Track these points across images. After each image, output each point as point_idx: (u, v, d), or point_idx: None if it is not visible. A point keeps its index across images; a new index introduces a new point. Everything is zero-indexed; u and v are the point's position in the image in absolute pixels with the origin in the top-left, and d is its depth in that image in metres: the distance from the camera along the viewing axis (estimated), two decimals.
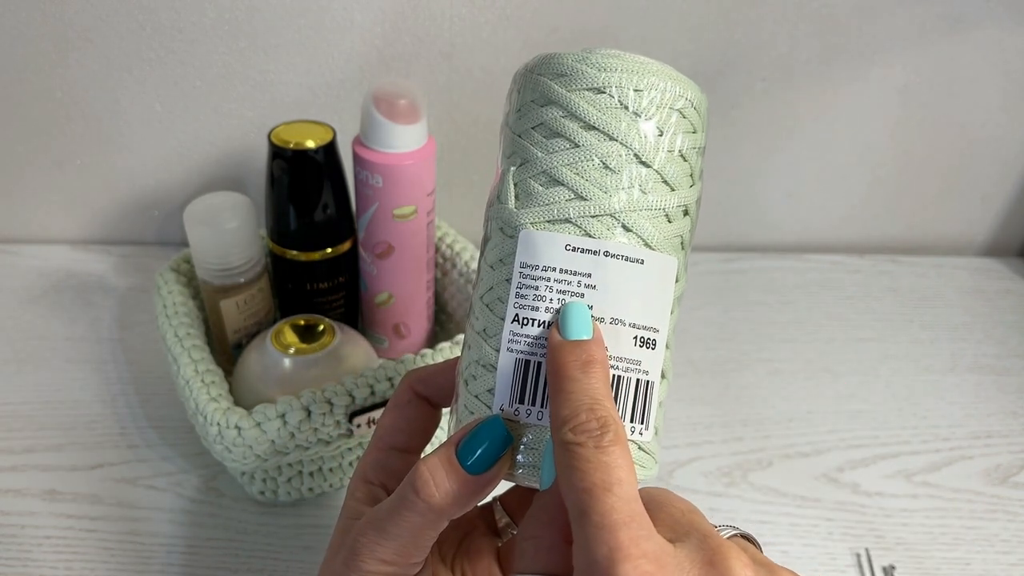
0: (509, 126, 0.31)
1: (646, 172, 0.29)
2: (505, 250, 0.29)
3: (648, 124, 0.29)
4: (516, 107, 0.31)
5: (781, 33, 0.63)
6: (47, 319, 0.62)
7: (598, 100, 0.28)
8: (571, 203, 0.28)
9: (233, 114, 0.64)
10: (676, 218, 0.29)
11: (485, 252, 0.31)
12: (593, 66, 0.29)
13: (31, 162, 0.66)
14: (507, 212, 0.29)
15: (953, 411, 0.59)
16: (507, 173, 0.30)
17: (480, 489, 0.28)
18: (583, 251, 0.28)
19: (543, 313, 0.28)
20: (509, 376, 0.29)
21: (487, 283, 0.30)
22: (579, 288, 0.28)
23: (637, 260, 0.29)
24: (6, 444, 0.52)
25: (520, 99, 0.30)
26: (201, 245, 0.49)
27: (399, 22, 0.60)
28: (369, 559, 0.28)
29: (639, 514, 0.24)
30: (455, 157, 0.67)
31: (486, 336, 0.30)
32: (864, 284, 0.72)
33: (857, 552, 0.48)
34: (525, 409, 0.28)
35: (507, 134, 0.31)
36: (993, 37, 0.64)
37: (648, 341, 0.29)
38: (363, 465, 0.32)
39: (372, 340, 0.56)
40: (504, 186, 0.30)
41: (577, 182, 0.28)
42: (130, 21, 0.59)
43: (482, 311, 0.30)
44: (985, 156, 0.71)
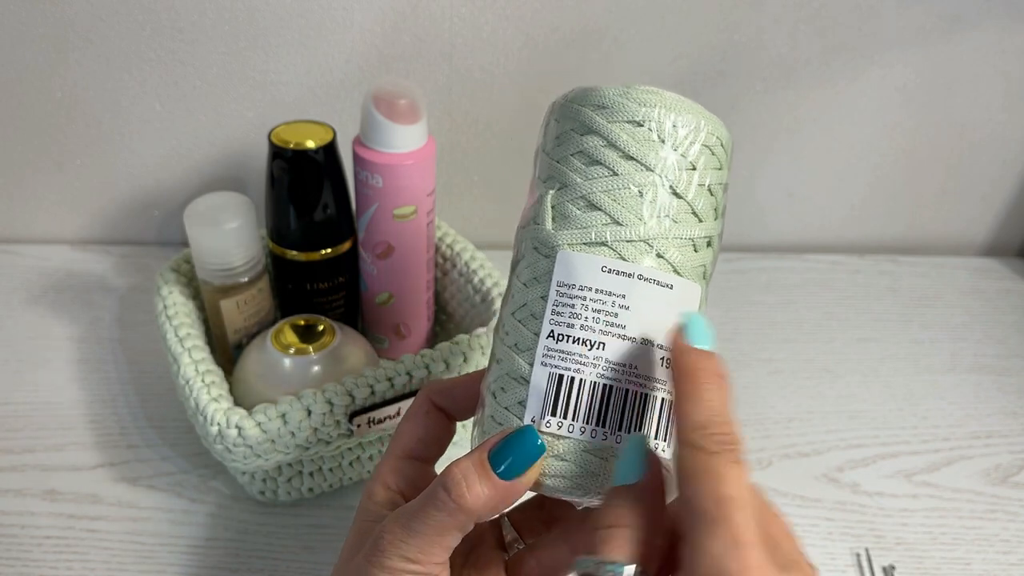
0: (547, 152, 0.32)
1: (678, 203, 0.30)
2: (540, 269, 0.31)
3: (683, 158, 0.30)
4: (554, 134, 0.32)
5: (781, 33, 0.63)
6: (47, 319, 0.62)
7: (637, 132, 0.30)
8: (607, 227, 0.30)
9: (233, 114, 0.64)
10: (701, 248, 0.31)
11: (517, 271, 0.32)
12: (634, 100, 0.30)
13: (31, 162, 0.66)
14: (544, 233, 0.31)
15: (953, 411, 0.59)
16: (544, 196, 0.31)
17: (509, 495, 0.29)
18: (618, 273, 0.30)
19: (578, 330, 0.30)
20: (543, 389, 0.30)
21: (520, 300, 0.31)
22: (614, 308, 0.30)
23: (667, 285, 0.30)
24: (6, 444, 0.52)
25: (559, 128, 0.32)
26: (201, 245, 0.49)
27: (399, 22, 0.60)
28: (394, 555, 0.28)
29: (764, 538, 0.25)
30: (455, 157, 0.67)
31: (518, 350, 0.31)
32: (864, 284, 0.72)
33: (857, 552, 0.48)
34: (557, 421, 0.30)
35: (544, 160, 0.32)
36: (992, 37, 0.64)
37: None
38: (382, 470, 0.33)
39: (372, 340, 0.56)
40: (542, 208, 0.31)
41: (614, 208, 0.30)
42: (130, 21, 0.59)
43: (514, 327, 0.31)
44: (985, 156, 0.71)
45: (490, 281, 0.53)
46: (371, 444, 0.48)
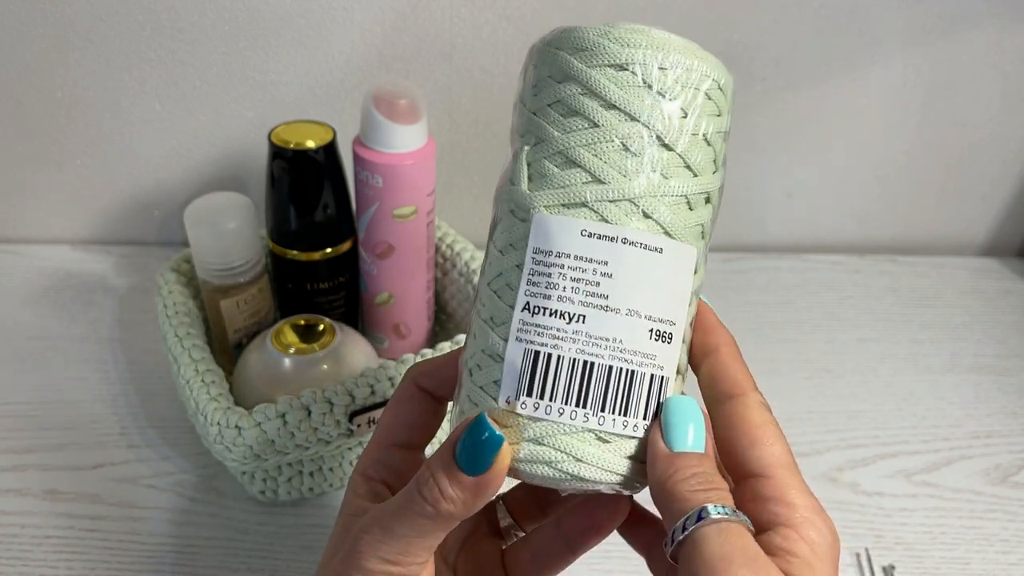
0: (524, 102, 0.29)
1: (668, 156, 0.27)
2: (516, 234, 0.28)
3: (672, 105, 0.27)
4: (532, 83, 0.29)
5: (781, 33, 0.63)
6: (47, 319, 0.62)
7: (620, 77, 0.27)
8: (588, 186, 0.27)
9: (233, 114, 0.64)
10: (697, 206, 0.28)
11: (494, 236, 0.29)
12: (616, 41, 0.27)
13: (32, 162, 0.66)
14: (519, 194, 0.28)
15: (953, 411, 0.59)
16: (520, 152, 0.28)
17: (483, 490, 0.27)
18: (600, 237, 0.27)
19: (555, 302, 0.27)
20: (517, 367, 0.27)
21: (495, 268, 0.28)
22: (595, 276, 0.27)
23: (656, 249, 0.27)
24: (7, 444, 0.52)
25: (536, 74, 0.29)
26: (201, 245, 0.49)
27: (399, 22, 0.60)
28: (372, 558, 0.27)
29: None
30: (455, 157, 0.67)
31: (493, 324, 0.28)
32: (864, 284, 0.72)
33: (857, 552, 0.48)
34: (533, 402, 0.27)
35: (521, 111, 0.29)
36: (992, 37, 0.64)
37: (664, 335, 0.28)
38: (363, 461, 0.31)
39: (372, 340, 0.56)
40: (517, 166, 0.28)
41: (595, 164, 0.27)
42: (130, 21, 0.59)
43: (489, 298, 0.28)
44: (984, 156, 0.71)
45: None
46: None
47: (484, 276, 0.29)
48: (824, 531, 0.26)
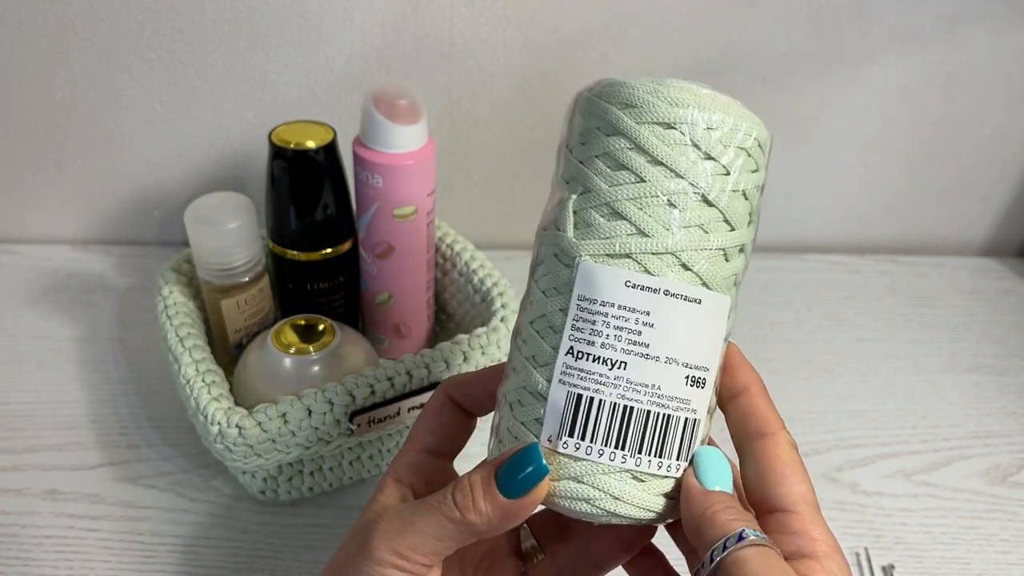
0: (571, 150, 0.30)
1: (710, 212, 0.28)
2: (560, 279, 0.29)
3: (716, 163, 0.28)
4: (579, 131, 0.30)
5: (781, 33, 0.63)
6: (48, 319, 0.62)
7: (667, 136, 0.28)
8: (632, 238, 0.28)
9: (233, 114, 0.64)
10: (733, 257, 0.29)
11: (536, 276, 0.30)
12: (665, 100, 0.28)
13: (32, 162, 0.66)
14: (565, 241, 0.29)
15: (952, 411, 0.59)
16: (567, 201, 0.29)
17: (515, 515, 0.28)
18: (643, 288, 0.28)
19: (599, 348, 0.28)
20: (560, 408, 0.28)
21: (538, 309, 0.30)
22: (637, 325, 0.28)
23: (695, 299, 0.28)
24: (7, 444, 0.52)
25: (584, 124, 0.30)
26: (202, 245, 0.49)
27: (399, 22, 0.60)
28: (383, 546, 0.28)
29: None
30: (455, 157, 0.67)
31: (536, 363, 0.29)
32: (864, 284, 0.72)
33: (856, 552, 0.48)
34: (575, 443, 0.28)
35: (567, 158, 0.30)
36: (992, 37, 0.64)
37: (699, 380, 0.29)
38: (397, 465, 0.33)
39: (372, 340, 0.56)
40: (563, 213, 0.29)
41: (640, 217, 0.28)
42: (131, 21, 0.59)
43: (532, 337, 0.30)
44: (984, 156, 0.71)
45: (490, 281, 0.53)
46: (371, 444, 0.48)
47: (526, 313, 0.31)
48: (842, 566, 0.28)
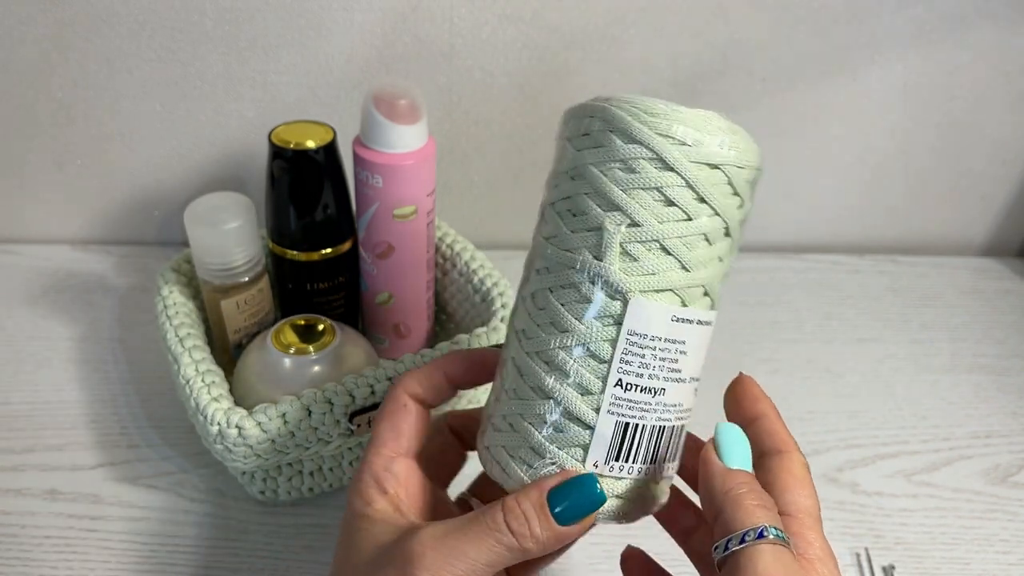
0: (604, 173, 0.29)
1: (729, 243, 0.31)
2: (607, 310, 0.29)
3: (740, 199, 0.30)
4: (623, 157, 0.29)
5: (781, 33, 0.63)
6: (47, 319, 0.62)
7: (713, 176, 0.29)
8: (675, 273, 0.29)
9: (233, 114, 0.64)
10: (728, 274, 0.32)
11: (565, 301, 0.30)
12: (715, 139, 0.29)
13: (32, 162, 0.66)
14: (611, 273, 0.29)
15: (952, 411, 0.59)
16: (614, 233, 0.29)
17: (567, 538, 0.29)
18: (683, 320, 0.30)
19: (646, 380, 0.30)
20: (608, 437, 0.30)
21: (579, 336, 0.30)
22: (675, 355, 0.30)
23: (709, 323, 0.31)
24: (7, 444, 0.52)
25: (631, 151, 0.29)
26: (201, 245, 0.49)
27: (399, 22, 0.60)
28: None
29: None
30: (455, 157, 0.67)
31: (581, 393, 0.30)
32: (864, 284, 0.72)
33: (857, 552, 0.48)
34: (619, 465, 0.30)
35: (603, 182, 0.29)
36: (993, 37, 0.64)
37: (697, 388, 0.32)
38: (375, 473, 0.33)
39: (372, 340, 0.56)
40: (610, 245, 0.29)
41: (686, 254, 0.29)
42: (131, 21, 0.59)
43: (573, 366, 0.30)
44: (985, 156, 0.71)
45: (490, 281, 0.53)
46: None
47: (561, 339, 0.30)
48: (834, 573, 0.29)
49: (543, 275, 0.31)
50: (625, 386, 0.30)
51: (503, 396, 0.32)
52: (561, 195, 0.31)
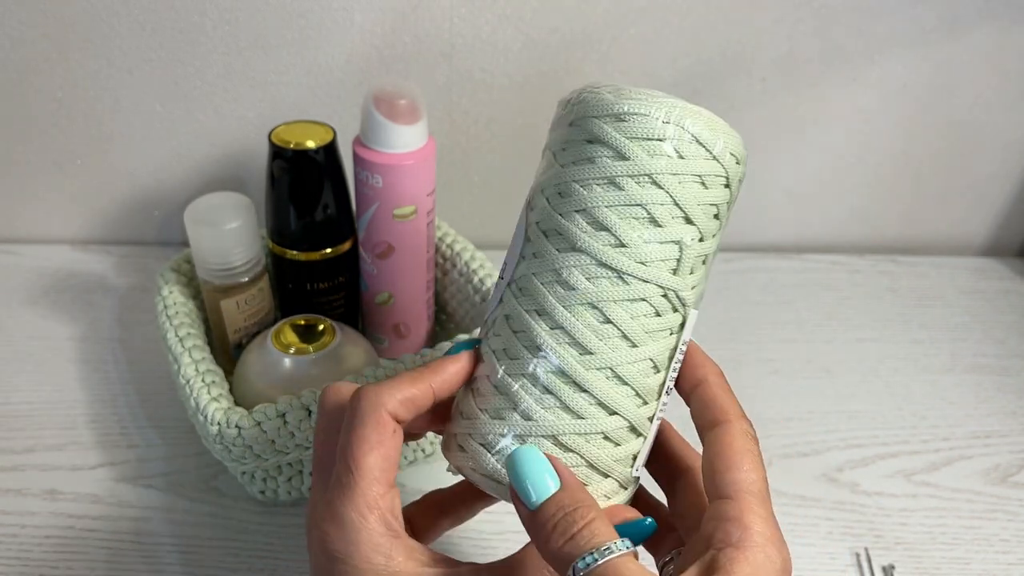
0: (684, 198, 0.30)
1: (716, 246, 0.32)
2: (672, 322, 0.31)
3: (729, 192, 0.32)
4: (698, 172, 0.30)
5: (781, 33, 0.63)
6: (48, 319, 0.62)
7: (733, 192, 0.31)
8: (705, 282, 0.32)
9: (233, 114, 0.64)
10: None
11: (638, 315, 0.30)
12: (739, 154, 0.31)
13: (32, 162, 0.66)
14: (684, 286, 0.30)
15: (952, 411, 0.59)
16: (688, 246, 0.30)
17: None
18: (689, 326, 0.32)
19: (671, 383, 0.32)
20: (652, 443, 0.32)
21: (650, 349, 0.30)
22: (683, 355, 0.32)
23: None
24: (7, 444, 0.52)
25: (706, 167, 0.30)
26: (201, 245, 0.49)
27: (399, 22, 0.60)
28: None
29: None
30: (455, 157, 0.67)
31: (640, 402, 0.31)
32: (864, 284, 0.72)
33: (856, 552, 0.48)
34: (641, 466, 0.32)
35: (695, 207, 0.30)
36: (992, 37, 0.64)
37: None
38: (388, 519, 0.28)
39: (372, 340, 0.56)
40: (684, 260, 0.30)
41: (707, 268, 0.32)
42: (131, 21, 0.59)
43: (635, 376, 0.30)
44: (984, 156, 0.71)
45: (490, 281, 0.53)
46: None
47: (625, 353, 0.30)
48: (774, 558, 0.26)
49: (606, 287, 0.30)
50: (667, 391, 0.31)
51: (538, 414, 0.30)
52: (628, 201, 0.29)
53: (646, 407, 0.31)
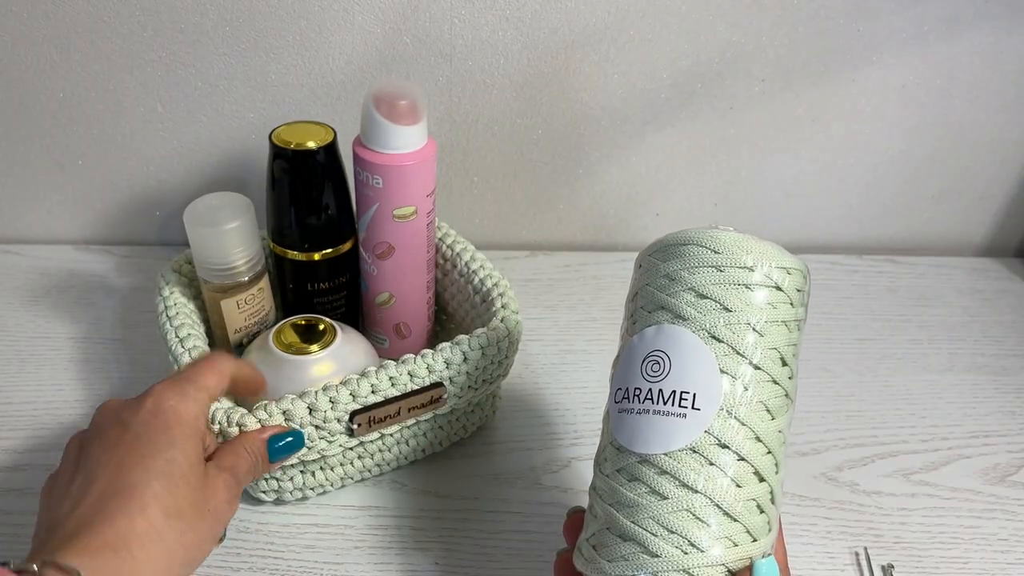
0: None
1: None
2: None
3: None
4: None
5: (780, 34, 0.63)
6: (49, 319, 0.62)
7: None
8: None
9: (234, 115, 0.64)
10: None
11: (780, 425, 0.34)
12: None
13: (33, 163, 0.66)
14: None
15: (951, 410, 0.59)
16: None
17: None
18: None
19: None
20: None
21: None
22: None
23: None
24: (9, 443, 0.52)
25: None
26: (201, 245, 0.49)
27: (399, 23, 0.60)
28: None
29: None
30: (455, 157, 0.67)
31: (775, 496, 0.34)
32: (862, 284, 0.72)
33: (856, 551, 0.48)
34: None
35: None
36: (990, 38, 0.64)
37: None
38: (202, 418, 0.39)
39: (373, 340, 0.56)
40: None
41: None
42: (132, 22, 0.59)
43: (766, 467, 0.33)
44: (983, 156, 0.71)
45: (490, 281, 0.54)
46: (372, 443, 0.48)
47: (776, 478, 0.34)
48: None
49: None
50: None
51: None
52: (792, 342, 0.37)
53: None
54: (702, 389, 0.32)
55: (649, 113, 0.66)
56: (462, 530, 0.48)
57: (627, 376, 0.34)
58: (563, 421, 0.56)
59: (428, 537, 0.48)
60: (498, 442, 0.54)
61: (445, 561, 0.46)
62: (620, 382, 0.35)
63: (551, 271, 0.71)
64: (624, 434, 0.33)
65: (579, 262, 0.72)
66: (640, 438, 0.33)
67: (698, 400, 0.32)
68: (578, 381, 0.59)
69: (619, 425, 0.34)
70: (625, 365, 0.35)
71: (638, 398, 0.33)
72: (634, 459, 0.33)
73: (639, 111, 0.66)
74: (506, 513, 0.49)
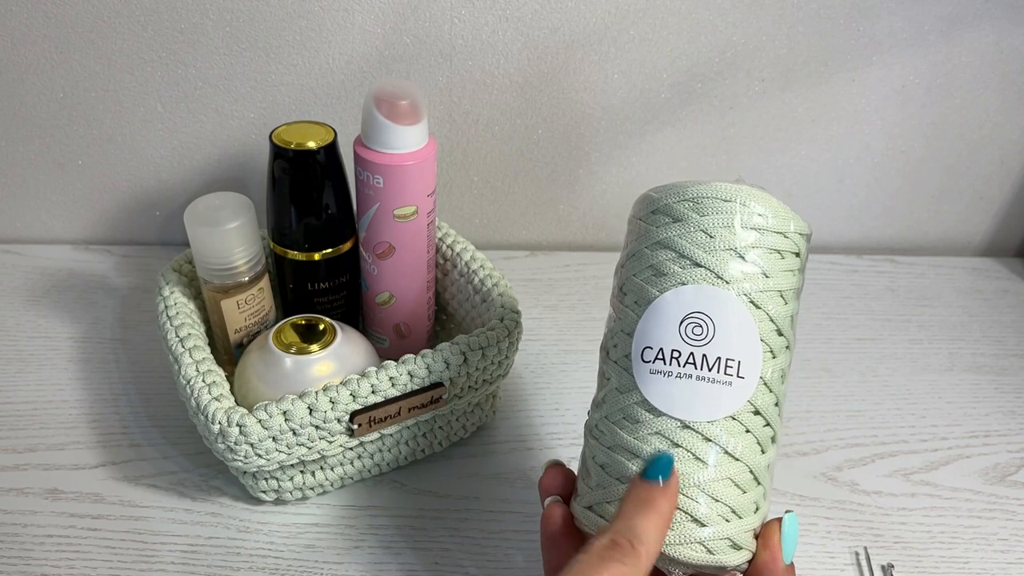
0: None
1: None
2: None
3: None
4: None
5: (780, 34, 0.63)
6: (49, 319, 0.62)
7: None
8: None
9: (234, 115, 0.64)
10: None
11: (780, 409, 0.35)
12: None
13: (33, 163, 0.66)
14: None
15: (951, 410, 0.59)
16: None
17: None
18: None
19: None
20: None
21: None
22: None
23: None
24: (9, 443, 0.52)
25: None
26: (201, 245, 0.49)
27: (399, 23, 0.60)
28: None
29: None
30: (455, 157, 0.68)
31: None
32: (862, 284, 0.72)
33: (856, 551, 0.48)
34: None
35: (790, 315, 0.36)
36: (990, 38, 0.64)
37: None
38: None
39: (373, 340, 0.56)
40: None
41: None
42: (132, 22, 0.59)
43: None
44: (983, 157, 0.71)
45: (490, 281, 0.54)
46: (372, 443, 0.48)
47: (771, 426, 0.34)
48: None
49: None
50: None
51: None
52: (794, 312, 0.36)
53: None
54: (746, 357, 0.32)
55: (649, 113, 0.66)
56: (462, 530, 0.48)
57: (659, 335, 0.33)
58: (563, 421, 0.56)
59: (428, 537, 0.48)
60: (498, 442, 0.54)
61: (445, 561, 0.46)
62: (647, 340, 0.33)
63: (551, 271, 0.71)
64: (662, 399, 0.32)
65: (579, 262, 0.72)
66: (682, 403, 0.32)
67: (743, 368, 0.32)
68: (578, 381, 0.59)
69: (652, 387, 0.33)
70: (654, 321, 0.33)
71: (677, 361, 0.32)
72: (675, 424, 0.32)
73: (639, 111, 0.66)
74: (506, 513, 0.49)
